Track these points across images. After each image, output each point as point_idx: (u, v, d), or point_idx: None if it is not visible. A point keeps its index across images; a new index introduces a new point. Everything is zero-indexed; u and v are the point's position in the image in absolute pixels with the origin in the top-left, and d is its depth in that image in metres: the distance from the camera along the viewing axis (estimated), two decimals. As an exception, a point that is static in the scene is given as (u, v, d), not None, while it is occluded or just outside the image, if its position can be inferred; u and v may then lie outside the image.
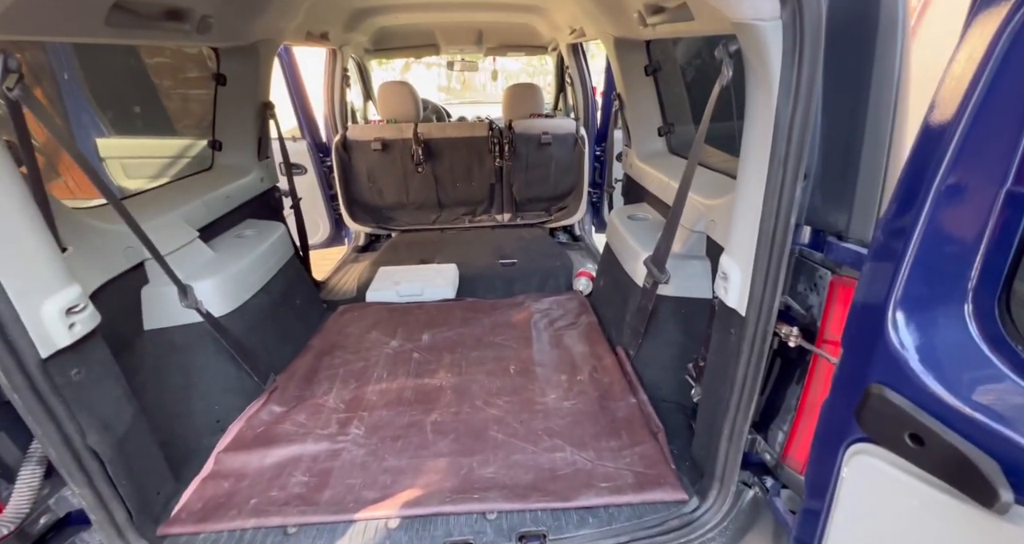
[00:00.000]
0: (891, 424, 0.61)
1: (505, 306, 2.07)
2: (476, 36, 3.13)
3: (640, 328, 1.44)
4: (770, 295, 0.86)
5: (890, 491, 0.64)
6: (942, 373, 0.57)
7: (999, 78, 0.48)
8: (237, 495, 1.14)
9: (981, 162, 0.53)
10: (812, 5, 0.66)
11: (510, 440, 1.31)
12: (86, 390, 0.89)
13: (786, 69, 0.72)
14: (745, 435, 1.00)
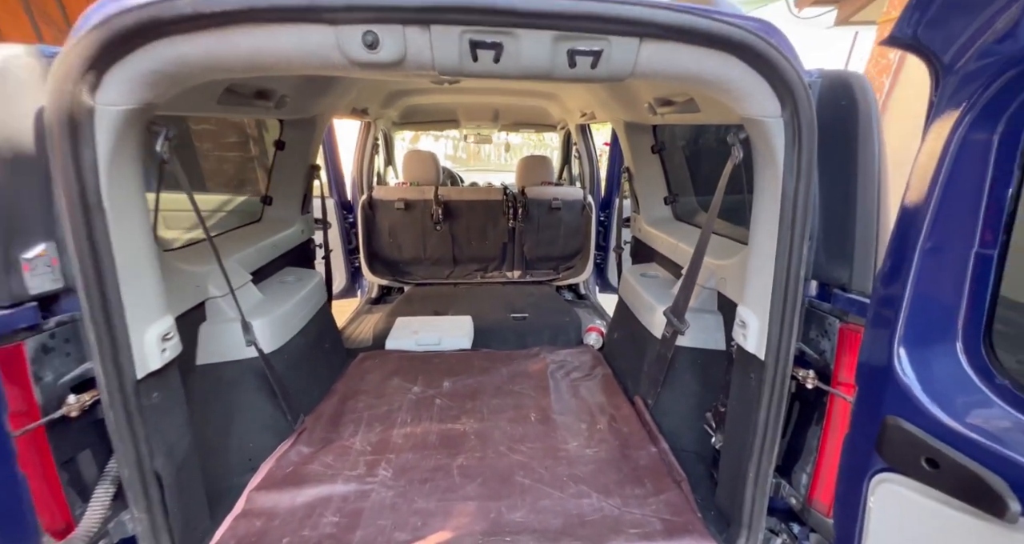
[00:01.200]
0: (908, 451, 0.70)
1: (521, 357, 2.13)
2: (493, 114, 3.51)
3: (659, 377, 1.52)
4: (787, 341, 0.97)
5: (915, 515, 0.71)
6: (944, 402, 0.68)
7: (955, 169, 0.65)
8: (269, 534, 1.13)
9: (951, 230, 0.68)
10: (805, 106, 0.86)
11: (536, 485, 1.32)
12: (160, 414, 0.95)
13: (788, 153, 0.90)
14: (770, 479, 1.05)
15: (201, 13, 0.72)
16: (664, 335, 1.45)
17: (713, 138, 1.97)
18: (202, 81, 0.90)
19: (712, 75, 0.88)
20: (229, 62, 0.81)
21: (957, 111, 0.63)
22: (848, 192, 0.89)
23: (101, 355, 0.83)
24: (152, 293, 0.93)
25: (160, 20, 0.72)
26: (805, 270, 0.95)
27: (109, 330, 0.83)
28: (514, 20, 0.80)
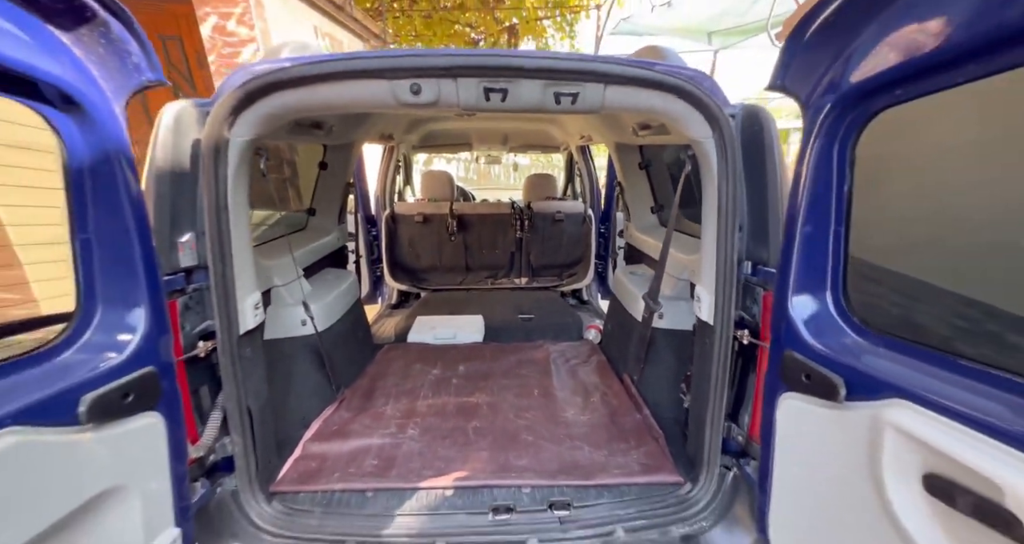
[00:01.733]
0: (796, 373, 0.98)
1: (527, 348, 2.42)
2: (502, 138, 3.89)
3: (641, 354, 1.80)
4: (729, 309, 1.25)
5: (798, 416, 0.98)
6: (816, 334, 0.96)
7: (814, 173, 0.95)
8: (323, 472, 1.42)
9: (817, 216, 0.97)
10: (728, 131, 1.17)
11: (538, 441, 1.59)
12: (250, 365, 1.26)
13: (720, 165, 1.21)
14: (722, 423, 1.31)
15: (303, 76, 1.07)
16: (644, 317, 1.73)
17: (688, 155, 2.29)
18: (293, 119, 1.25)
19: (660, 108, 1.20)
20: (315, 106, 1.16)
21: (812, 133, 0.94)
22: (763, 193, 1.19)
23: (219, 314, 1.15)
24: (249, 273, 1.26)
25: (275, 83, 1.08)
26: (739, 253, 1.24)
27: (225, 297, 1.16)
28: (515, 74, 1.14)
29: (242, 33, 3.94)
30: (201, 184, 1.09)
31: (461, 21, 10.33)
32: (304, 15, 5.09)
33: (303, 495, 1.33)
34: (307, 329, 1.67)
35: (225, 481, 1.24)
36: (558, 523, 1.28)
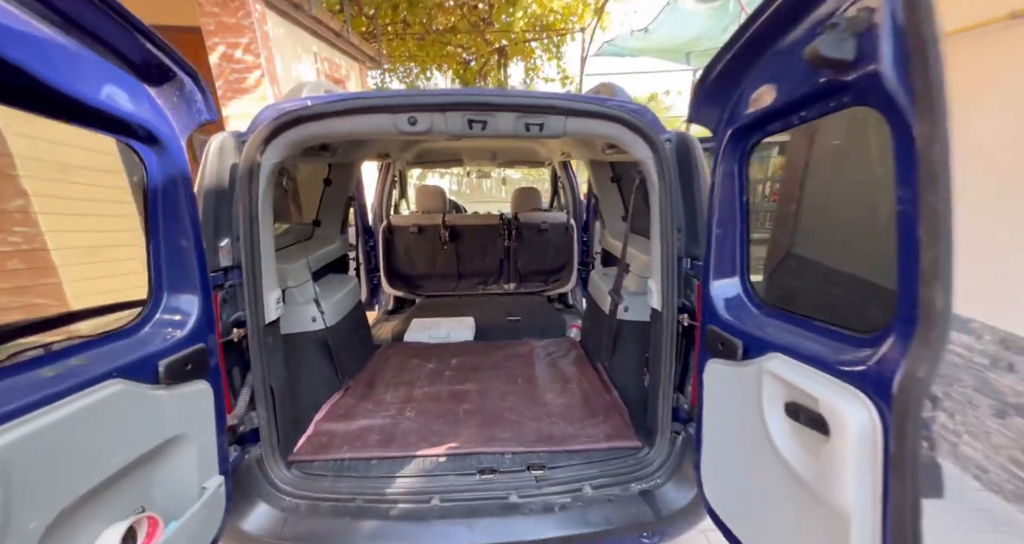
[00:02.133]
0: (715, 342, 1.24)
1: (514, 345, 2.66)
2: (491, 155, 4.19)
3: (610, 343, 2.05)
4: (672, 297, 1.51)
5: (716, 376, 1.24)
6: (728, 310, 1.22)
7: (722, 185, 1.23)
8: (333, 444, 1.65)
9: (725, 219, 1.24)
10: (664, 153, 1.45)
11: (520, 419, 1.83)
12: (272, 351, 1.50)
13: (660, 180, 1.49)
14: (671, 394, 1.57)
15: (324, 112, 1.34)
16: (610, 309, 1.99)
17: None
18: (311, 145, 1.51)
19: (611, 135, 1.49)
20: (331, 135, 1.43)
21: (719, 157, 1.22)
22: (693, 201, 1.47)
23: (249, 306, 1.40)
24: (273, 273, 1.50)
25: (300, 117, 1.34)
26: (678, 251, 1.51)
27: (254, 292, 1.40)
28: (492, 109, 1.42)
29: (248, 60, 4.24)
30: (237, 199, 1.35)
31: (453, 43, 10.78)
32: (305, 42, 5.42)
33: (317, 463, 1.56)
34: (317, 325, 1.92)
35: (252, 449, 1.46)
36: (534, 481, 1.51)
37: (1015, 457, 2.14)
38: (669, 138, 1.49)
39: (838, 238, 1.13)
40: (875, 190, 0.93)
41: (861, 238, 1.02)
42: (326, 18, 5.62)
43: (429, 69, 13.46)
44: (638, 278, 2.11)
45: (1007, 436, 2.17)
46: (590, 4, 8.16)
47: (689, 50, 7.03)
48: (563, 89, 9.66)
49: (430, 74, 14.06)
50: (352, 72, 7.17)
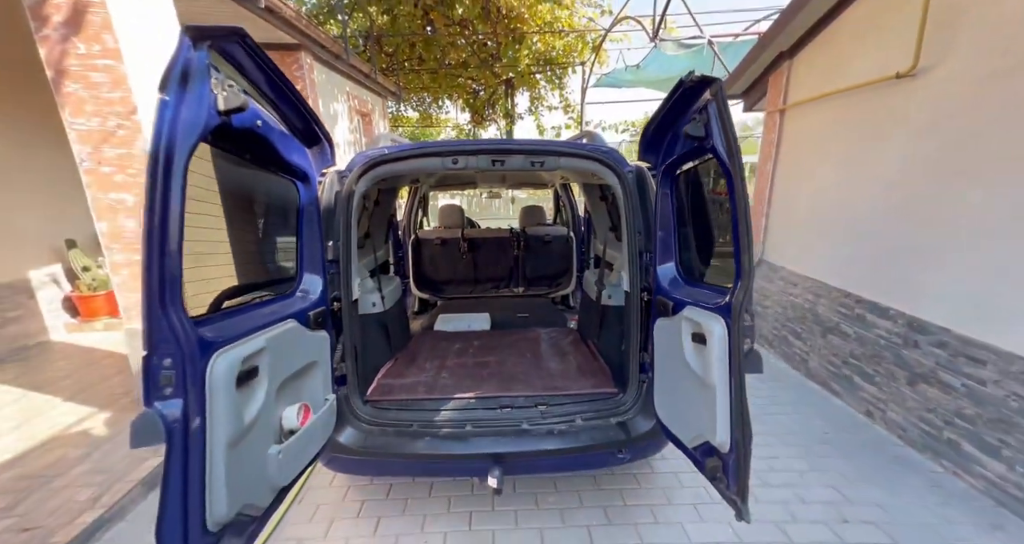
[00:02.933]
0: (660, 306, 1.85)
1: (523, 332, 3.27)
2: (501, 178, 4.89)
3: (597, 324, 2.66)
4: (637, 281, 2.12)
5: (661, 330, 1.84)
6: (668, 285, 1.84)
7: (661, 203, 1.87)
8: (393, 391, 2.27)
9: (667, 224, 1.88)
10: (627, 181, 2.09)
11: (528, 379, 2.43)
12: (353, 322, 2.13)
13: (624, 200, 2.12)
14: (638, 352, 2.16)
15: (396, 157, 2.02)
16: (596, 297, 2.61)
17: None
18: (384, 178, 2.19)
19: (590, 169, 2.14)
20: (400, 173, 2.10)
21: (658, 184, 1.87)
22: (647, 213, 2.10)
23: (343, 288, 2.04)
24: (356, 266, 2.15)
25: (381, 161, 2.02)
26: (639, 247, 2.13)
27: (347, 278, 2.05)
28: (508, 153, 2.08)
29: (297, 102, 5.04)
30: (338, 214, 2.01)
31: (464, 75, 11.78)
32: (339, 84, 6.26)
33: (384, 402, 2.17)
34: (377, 309, 2.55)
35: (340, 390, 2.08)
36: (540, 414, 2.10)
37: (923, 416, 2.68)
38: (631, 170, 2.14)
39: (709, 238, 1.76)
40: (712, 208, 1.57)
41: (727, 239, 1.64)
42: (358, 63, 6.48)
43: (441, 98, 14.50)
44: (618, 273, 2.73)
45: (916, 400, 2.72)
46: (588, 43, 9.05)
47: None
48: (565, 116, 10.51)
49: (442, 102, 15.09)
50: (376, 105, 8.03)
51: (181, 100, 1.02)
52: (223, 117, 1.12)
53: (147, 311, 1.04)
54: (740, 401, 1.34)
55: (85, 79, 2.59)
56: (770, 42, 3.98)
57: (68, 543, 2.11)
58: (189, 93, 1.03)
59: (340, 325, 2.05)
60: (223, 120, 1.13)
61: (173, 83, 1.01)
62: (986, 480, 2.36)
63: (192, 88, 1.04)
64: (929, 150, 2.70)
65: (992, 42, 2.36)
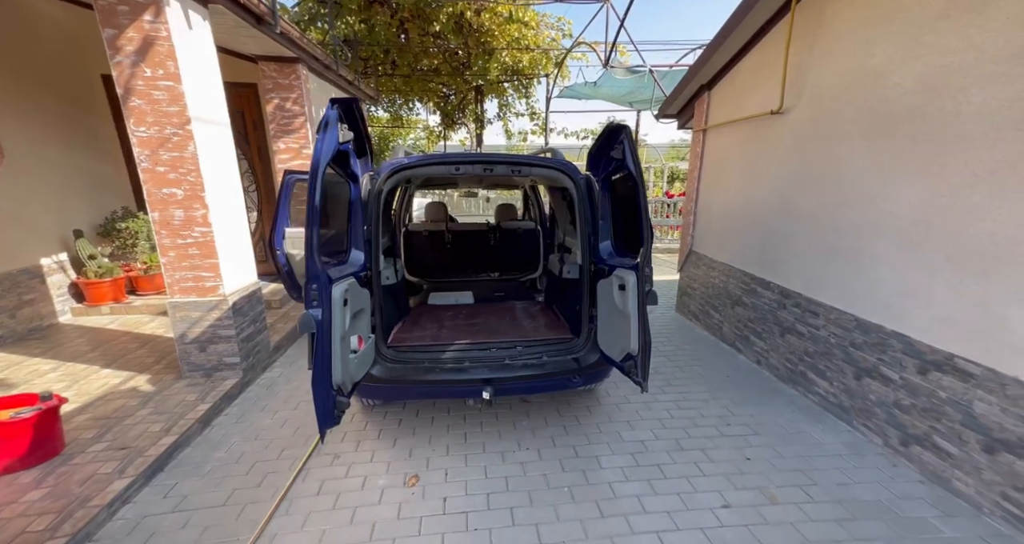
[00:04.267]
0: (599, 272, 2.74)
1: (501, 303, 4.11)
2: (479, 180, 5.70)
3: (559, 293, 3.54)
4: (587, 256, 3.01)
5: (601, 289, 2.74)
6: (606, 256, 2.74)
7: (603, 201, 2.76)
8: (407, 340, 3.04)
9: (605, 216, 2.78)
10: (580, 184, 2.96)
11: (508, 331, 3.27)
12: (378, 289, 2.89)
13: (580, 199, 2.99)
14: (588, 308, 3.05)
15: (416, 165, 2.80)
16: (558, 273, 3.49)
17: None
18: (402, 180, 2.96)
19: (554, 176, 3.00)
20: (418, 175, 2.88)
21: (599, 188, 2.76)
22: (593, 207, 2.99)
23: (372, 261, 2.79)
24: (379, 246, 2.91)
25: (402, 167, 2.79)
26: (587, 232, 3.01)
27: (377, 254, 2.80)
28: (495, 164, 2.91)
29: (295, 110, 5.62)
30: (370, 206, 2.76)
31: (435, 80, 12.42)
32: (327, 90, 6.83)
33: (402, 347, 2.94)
34: (391, 281, 3.31)
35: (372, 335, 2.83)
36: (518, 353, 2.95)
37: (788, 357, 3.74)
38: (582, 177, 3.02)
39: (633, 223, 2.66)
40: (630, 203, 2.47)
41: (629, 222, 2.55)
42: (344, 72, 7.07)
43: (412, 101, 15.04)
44: (576, 255, 3.62)
45: (785, 347, 3.78)
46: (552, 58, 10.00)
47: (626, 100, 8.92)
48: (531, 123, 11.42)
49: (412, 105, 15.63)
50: (356, 109, 8.59)
51: (325, 136, 1.78)
52: (341, 145, 1.89)
53: (308, 259, 1.80)
54: (643, 321, 2.25)
55: (148, 96, 3.18)
56: (694, 76, 5.02)
57: (159, 455, 2.75)
58: (329, 132, 1.80)
59: (371, 289, 2.81)
60: (341, 147, 1.90)
61: (323, 126, 1.77)
62: (818, 395, 3.43)
63: (331, 129, 1.80)
64: (792, 166, 3.76)
65: (813, 98, 3.43)
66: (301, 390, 3.83)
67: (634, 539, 2.23)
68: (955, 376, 2.50)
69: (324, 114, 1.77)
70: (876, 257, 2.98)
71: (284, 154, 5.76)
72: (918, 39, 2.73)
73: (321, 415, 1.86)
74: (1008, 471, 2.27)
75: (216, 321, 3.62)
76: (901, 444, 2.83)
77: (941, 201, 2.59)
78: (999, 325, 2.30)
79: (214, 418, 3.37)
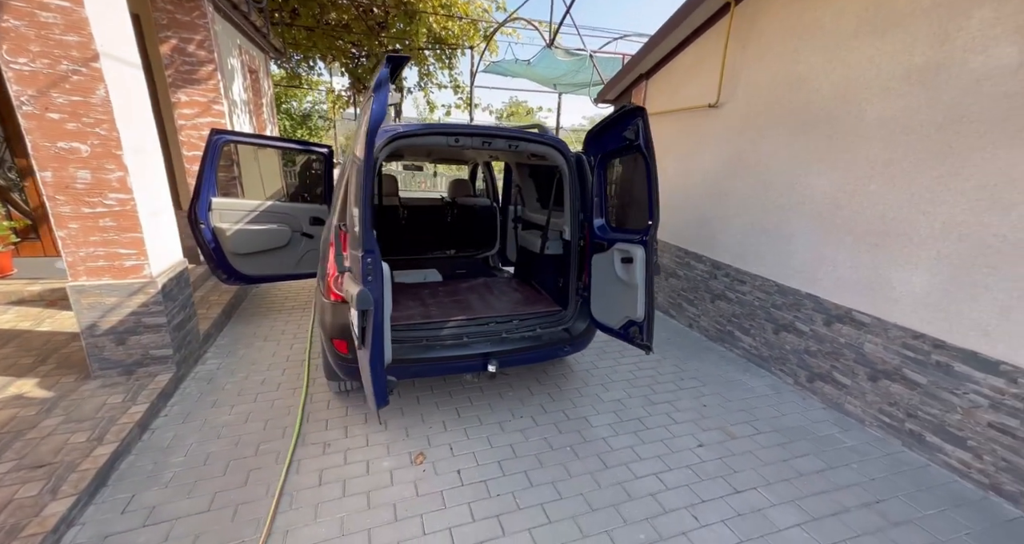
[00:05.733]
0: (596, 246, 2.93)
1: (473, 280, 4.10)
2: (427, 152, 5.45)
3: (539, 269, 3.66)
4: (576, 232, 3.16)
5: (597, 262, 2.94)
6: (601, 231, 2.93)
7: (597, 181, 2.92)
8: (399, 320, 2.91)
9: (599, 194, 2.95)
10: (571, 162, 3.08)
11: (498, 306, 3.32)
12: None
13: (570, 177, 3.11)
14: (576, 281, 3.23)
15: (412, 133, 2.63)
16: (540, 249, 3.60)
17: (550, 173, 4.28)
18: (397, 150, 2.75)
19: (546, 152, 3.05)
20: (415, 145, 2.70)
21: (595, 167, 2.91)
22: (585, 185, 3.14)
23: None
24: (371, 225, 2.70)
25: (401, 136, 2.60)
26: (576, 210, 3.16)
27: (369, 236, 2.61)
28: (495, 137, 2.86)
29: (201, 55, 4.71)
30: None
31: (345, 38, 11.23)
32: (233, 37, 5.81)
33: (397, 325, 2.82)
34: None
35: None
36: (515, 327, 3.03)
37: (716, 319, 4.42)
38: (574, 155, 3.13)
39: (628, 201, 2.90)
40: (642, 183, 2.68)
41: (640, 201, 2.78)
42: (254, 17, 6.06)
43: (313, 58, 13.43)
44: (556, 232, 3.76)
45: (714, 310, 4.45)
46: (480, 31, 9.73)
47: (555, 82, 9.17)
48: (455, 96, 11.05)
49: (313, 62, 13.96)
50: (260, 63, 7.46)
51: (380, 97, 1.61)
52: (391, 106, 1.72)
53: (363, 232, 1.64)
54: (650, 291, 2.49)
55: (31, 17, 2.44)
56: (635, 66, 5.38)
57: (99, 468, 2.29)
58: (384, 92, 1.62)
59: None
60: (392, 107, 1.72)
61: (378, 86, 1.60)
62: (743, 349, 4.15)
63: (384, 89, 1.63)
64: (725, 154, 4.34)
65: (746, 96, 4.00)
66: (252, 382, 3.43)
67: (639, 483, 2.53)
68: (852, 325, 3.24)
69: (379, 72, 1.59)
70: (795, 233, 3.65)
71: (186, 108, 4.83)
72: (835, 53, 3.33)
73: (379, 396, 1.75)
74: (884, 393, 3.05)
75: (140, 308, 3.03)
76: (808, 381, 3.59)
77: (847, 188, 3.26)
78: (884, 284, 3.04)
79: (152, 420, 2.88)
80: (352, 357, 2.62)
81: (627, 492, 2.46)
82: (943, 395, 2.73)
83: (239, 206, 3.97)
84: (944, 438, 2.74)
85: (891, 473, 2.70)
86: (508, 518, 2.25)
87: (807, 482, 2.59)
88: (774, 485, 2.55)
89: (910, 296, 2.89)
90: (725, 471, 2.66)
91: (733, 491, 2.50)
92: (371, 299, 1.70)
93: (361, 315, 1.73)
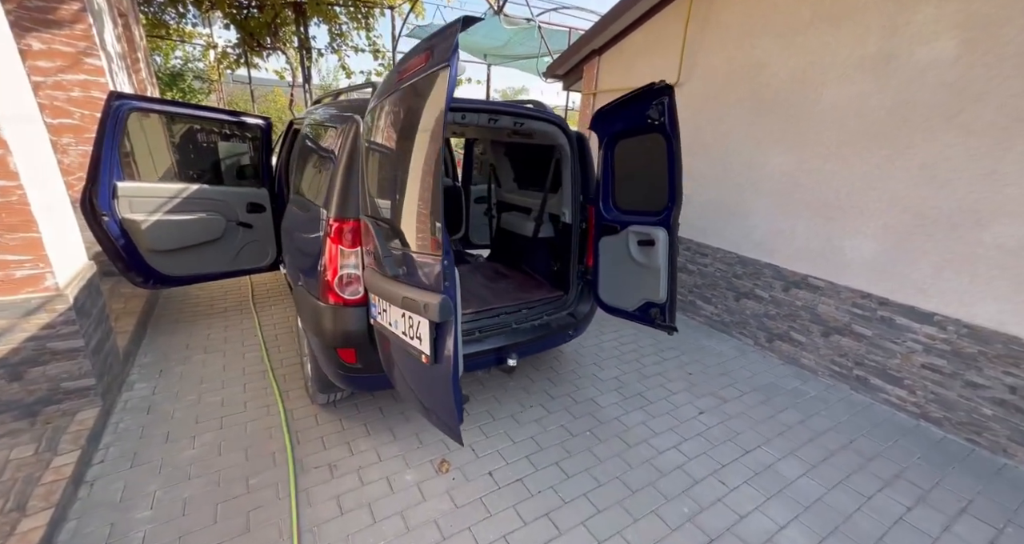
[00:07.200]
0: (605, 228, 2.87)
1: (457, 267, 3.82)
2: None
3: (531, 253, 3.52)
4: (577, 215, 3.06)
5: (605, 244, 2.89)
6: (608, 213, 2.87)
7: (603, 163, 2.83)
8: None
9: (604, 175, 2.87)
10: (573, 141, 2.93)
11: (500, 296, 3.12)
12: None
13: (572, 157, 2.96)
14: (576, 264, 3.17)
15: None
16: (533, 233, 3.45)
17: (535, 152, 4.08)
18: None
19: (549, 131, 2.86)
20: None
21: (602, 148, 2.81)
22: (587, 168, 3.03)
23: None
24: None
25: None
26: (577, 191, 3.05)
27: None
28: (502, 115, 2.59)
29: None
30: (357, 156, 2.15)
31: (231, -16, 9.42)
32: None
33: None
34: None
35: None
36: (524, 317, 2.88)
37: (680, 291, 4.72)
38: (575, 134, 2.98)
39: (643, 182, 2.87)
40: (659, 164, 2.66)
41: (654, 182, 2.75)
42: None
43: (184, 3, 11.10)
44: (547, 214, 3.61)
45: (681, 282, 4.74)
46: (404, -12, 8.79)
47: (486, 52, 8.73)
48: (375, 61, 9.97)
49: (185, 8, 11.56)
50: (130, 5, 5.95)
51: (454, 63, 1.30)
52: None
53: (443, 231, 1.35)
54: (674, 273, 2.51)
55: None
56: (587, 42, 5.30)
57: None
58: (456, 58, 1.31)
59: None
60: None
61: (453, 51, 1.29)
62: (706, 317, 4.51)
63: (455, 55, 1.32)
64: (686, 134, 4.51)
65: (705, 76, 4.18)
66: (208, 404, 2.87)
67: (664, 457, 2.63)
68: (808, 290, 3.66)
69: (451, 34, 1.26)
70: (755, 208, 3.97)
71: (42, 60, 3.68)
72: (791, 39, 3.57)
73: (460, 413, 1.50)
74: (835, 346, 3.53)
75: (43, 330, 2.31)
76: (767, 341, 4.02)
77: (805, 166, 3.59)
78: (837, 252, 3.45)
79: (85, 471, 2.26)
80: (362, 366, 2.28)
81: (657, 469, 2.53)
82: (886, 344, 3.22)
83: (155, 191, 3.18)
84: (885, 380, 3.25)
85: (851, 415, 3.15)
86: (558, 514, 2.19)
87: (795, 434, 2.91)
88: (773, 441, 2.83)
89: (860, 261, 3.32)
90: (730, 434, 2.87)
91: (743, 452, 2.71)
92: (452, 307, 1.44)
93: (437, 327, 1.46)
